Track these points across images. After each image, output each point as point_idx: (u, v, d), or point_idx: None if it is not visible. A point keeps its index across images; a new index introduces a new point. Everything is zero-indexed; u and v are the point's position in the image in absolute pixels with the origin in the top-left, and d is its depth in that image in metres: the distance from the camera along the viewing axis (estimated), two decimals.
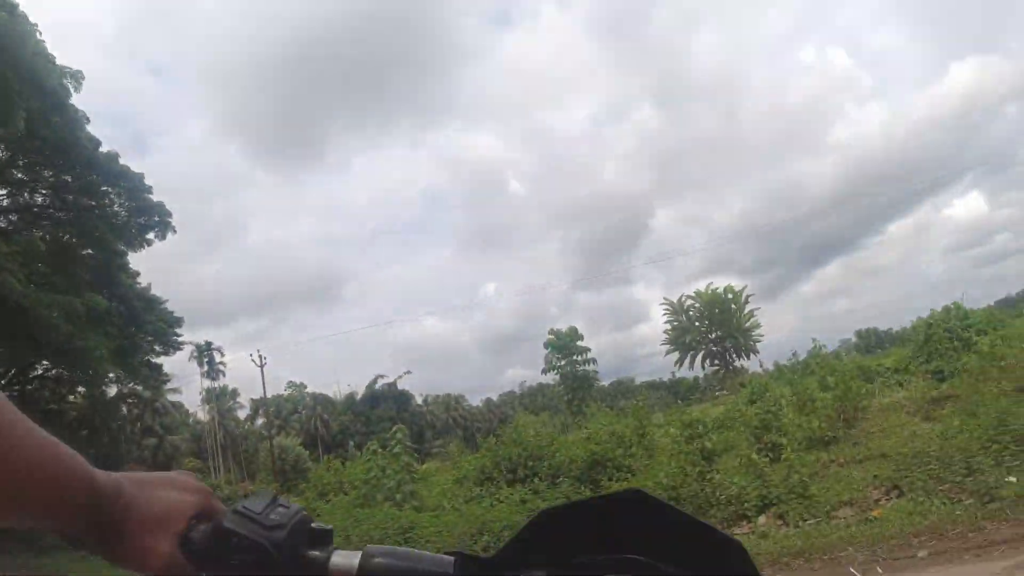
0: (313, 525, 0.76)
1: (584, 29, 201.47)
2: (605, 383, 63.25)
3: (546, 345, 41.63)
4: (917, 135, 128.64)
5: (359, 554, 0.72)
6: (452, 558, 0.71)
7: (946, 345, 19.87)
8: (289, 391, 70.21)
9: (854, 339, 69.29)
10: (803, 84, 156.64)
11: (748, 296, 61.03)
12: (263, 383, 44.66)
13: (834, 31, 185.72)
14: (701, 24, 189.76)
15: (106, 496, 0.69)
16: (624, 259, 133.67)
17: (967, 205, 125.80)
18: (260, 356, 43.59)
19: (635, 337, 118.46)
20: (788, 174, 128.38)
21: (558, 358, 40.61)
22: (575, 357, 40.56)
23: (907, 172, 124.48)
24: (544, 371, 41.96)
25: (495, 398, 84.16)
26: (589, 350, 40.95)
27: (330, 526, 0.77)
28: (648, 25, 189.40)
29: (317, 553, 0.74)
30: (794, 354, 26.11)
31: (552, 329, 41.76)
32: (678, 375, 70.86)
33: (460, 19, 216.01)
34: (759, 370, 50.51)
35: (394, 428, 19.13)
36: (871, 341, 66.93)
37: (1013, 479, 8.56)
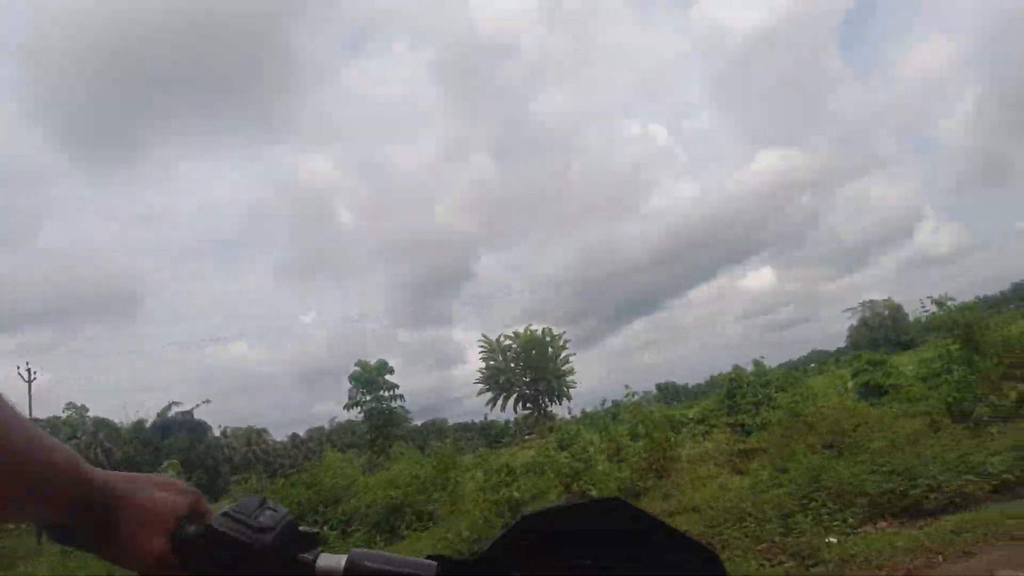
0: (301, 528, 0.77)
1: (433, 71, 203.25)
2: (418, 423, 61.56)
3: (351, 378, 38.00)
4: (723, 212, 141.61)
5: (345, 557, 0.74)
6: (434, 562, 0.72)
7: (748, 399, 20.43)
8: (68, 413, 61.65)
9: (655, 391, 72.71)
10: (627, 153, 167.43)
11: (565, 341, 60.58)
12: (29, 402, 38.48)
13: (659, 110, 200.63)
14: (542, 86, 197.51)
15: (97, 491, 0.70)
16: (447, 300, 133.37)
17: (760, 278, 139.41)
18: (29, 370, 37.53)
19: (452, 378, 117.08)
20: (608, 234, 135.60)
21: (363, 392, 37.32)
22: (382, 393, 37.55)
23: (711, 244, 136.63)
24: (347, 406, 38.37)
25: (303, 433, 78.95)
26: (397, 386, 37.99)
27: (316, 529, 0.80)
28: (494, 78, 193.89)
29: (304, 555, 0.75)
30: (603, 401, 24.99)
31: (359, 361, 37.81)
32: (491, 417, 70.34)
33: (310, 38, 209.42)
34: (568, 416, 50.95)
35: (165, 463, 16.51)
36: (670, 394, 70.56)
37: (834, 539, 8.06)
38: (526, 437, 50.59)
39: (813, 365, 62.18)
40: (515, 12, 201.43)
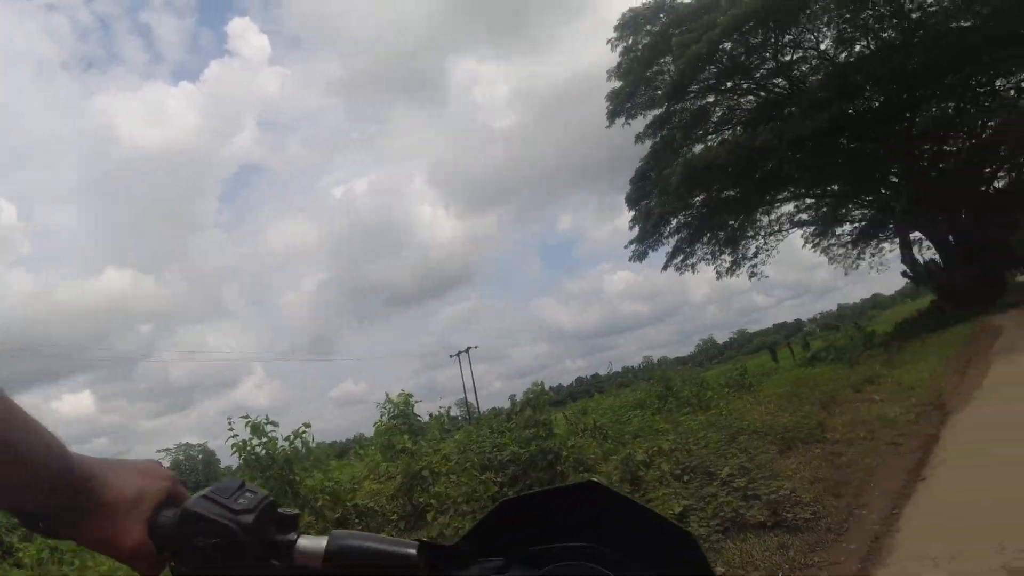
0: (281, 510, 0.76)
1: None
2: None
3: None
4: (49, 320, 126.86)
5: (326, 539, 0.73)
6: (415, 543, 0.71)
7: None
8: None
9: None
10: None
11: None
12: None
13: (16, 186, 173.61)
14: None
15: (79, 476, 0.69)
16: None
17: (77, 402, 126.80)
18: None
19: None
20: None
21: None
22: None
23: (31, 351, 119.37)
24: None
25: None
26: None
27: (296, 511, 0.77)
28: None
29: (284, 537, 0.74)
30: None
31: None
32: None
33: None
34: None
35: None
36: None
37: None
38: None
39: None
40: None
